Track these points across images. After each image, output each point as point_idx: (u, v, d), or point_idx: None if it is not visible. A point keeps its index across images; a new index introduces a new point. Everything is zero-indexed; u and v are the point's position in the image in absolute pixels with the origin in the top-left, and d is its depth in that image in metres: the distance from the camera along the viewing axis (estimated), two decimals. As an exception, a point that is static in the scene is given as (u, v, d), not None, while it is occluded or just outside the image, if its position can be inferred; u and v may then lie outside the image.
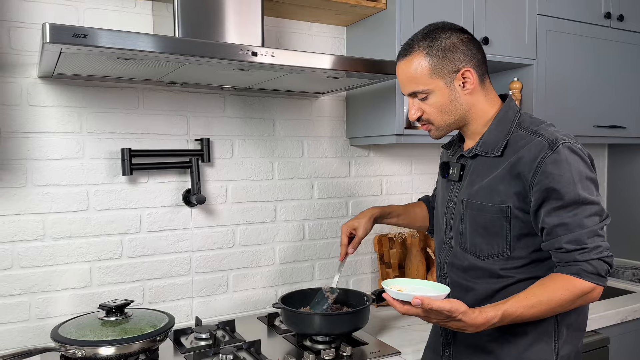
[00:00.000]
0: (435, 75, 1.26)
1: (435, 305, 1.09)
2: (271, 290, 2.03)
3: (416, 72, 1.27)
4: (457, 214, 1.34)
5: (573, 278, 1.15)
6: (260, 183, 1.99)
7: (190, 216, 1.88)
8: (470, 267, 1.31)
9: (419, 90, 1.28)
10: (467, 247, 1.31)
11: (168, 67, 1.48)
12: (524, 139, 1.24)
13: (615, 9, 2.40)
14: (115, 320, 1.48)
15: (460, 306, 1.10)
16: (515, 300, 1.15)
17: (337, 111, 2.14)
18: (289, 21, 2.02)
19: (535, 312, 1.15)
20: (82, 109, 1.70)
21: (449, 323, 1.13)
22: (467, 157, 1.34)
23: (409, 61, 1.28)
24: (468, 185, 1.32)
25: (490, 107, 1.31)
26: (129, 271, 1.79)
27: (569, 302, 1.16)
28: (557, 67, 2.25)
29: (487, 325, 1.13)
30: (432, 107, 1.29)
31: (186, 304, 1.88)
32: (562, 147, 1.18)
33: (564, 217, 1.16)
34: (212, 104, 1.90)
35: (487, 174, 1.28)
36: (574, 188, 1.16)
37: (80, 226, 1.70)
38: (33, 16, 1.61)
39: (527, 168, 1.19)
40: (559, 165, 1.16)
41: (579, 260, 1.15)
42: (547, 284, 1.17)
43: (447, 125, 1.31)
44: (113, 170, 1.74)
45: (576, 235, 1.15)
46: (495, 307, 1.14)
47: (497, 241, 1.26)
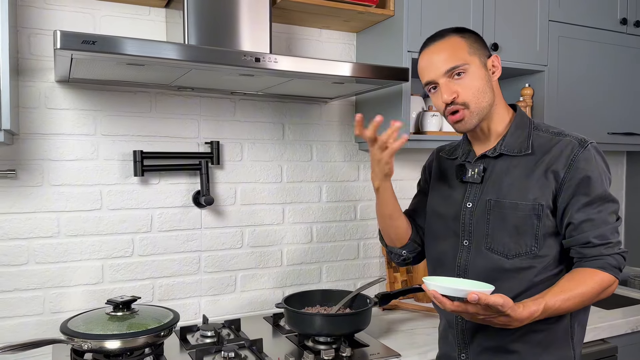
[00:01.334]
0: (473, 53, 1.29)
1: (492, 301, 1.07)
2: (278, 291, 2.07)
3: (454, 48, 1.28)
4: (482, 215, 1.32)
5: (599, 271, 1.19)
6: (269, 186, 2.03)
7: (199, 217, 1.93)
8: (495, 268, 1.29)
9: (458, 64, 1.27)
10: (494, 247, 1.30)
11: (176, 72, 1.53)
12: (551, 140, 1.29)
13: (631, 14, 2.38)
14: (122, 315, 1.53)
15: (509, 300, 1.10)
16: (552, 294, 1.17)
17: (346, 116, 2.17)
18: (300, 28, 2.06)
19: (570, 305, 1.18)
20: (96, 112, 1.77)
21: (496, 319, 1.12)
22: (490, 157, 1.34)
23: (445, 41, 1.30)
24: (494, 185, 1.32)
25: (506, 111, 1.36)
26: (140, 269, 1.85)
27: (596, 295, 1.20)
28: (570, 73, 2.24)
29: (530, 319, 1.14)
30: (468, 87, 1.27)
31: (194, 302, 1.93)
32: (591, 146, 1.26)
33: (590, 213, 1.21)
34: (222, 108, 1.95)
35: (517, 172, 1.29)
36: (601, 185, 1.23)
37: (93, 224, 1.77)
38: (52, 23, 1.68)
39: (560, 165, 1.24)
40: (589, 162, 1.23)
41: (604, 254, 1.20)
42: (577, 277, 1.20)
43: (481, 110, 1.29)
44: (126, 172, 1.81)
45: (602, 230, 1.21)
46: (536, 301, 1.15)
47: (525, 240, 1.27)
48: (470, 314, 1.12)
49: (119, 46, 1.29)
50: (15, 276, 1.67)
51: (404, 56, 1.88)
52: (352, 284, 2.20)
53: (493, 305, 1.08)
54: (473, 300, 1.07)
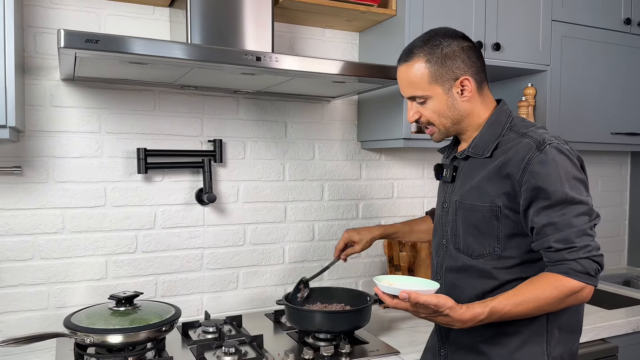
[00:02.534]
0: (434, 82, 1.29)
1: (422, 300, 1.12)
2: (280, 288, 2.08)
3: (415, 78, 1.30)
4: (451, 215, 1.37)
5: (562, 277, 1.16)
6: (271, 184, 2.05)
7: (202, 214, 1.95)
8: (463, 267, 1.34)
9: (417, 95, 1.31)
10: (461, 246, 1.34)
11: (179, 71, 1.55)
12: (513, 141, 1.27)
13: (635, 14, 2.37)
14: (125, 310, 1.55)
15: (447, 301, 1.13)
16: (503, 298, 1.17)
17: (349, 115, 2.18)
18: (303, 27, 2.08)
19: (523, 310, 1.17)
20: (101, 110, 1.79)
21: (437, 318, 1.16)
22: (460, 159, 1.37)
23: (409, 66, 1.31)
24: (460, 186, 1.35)
25: (485, 111, 1.34)
26: (143, 265, 1.87)
27: (558, 301, 1.17)
28: (573, 73, 2.24)
29: (475, 321, 1.15)
30: (430, 112, 1.32)
31: (197, 298, 1.95)
32: (549, 148, 1.20)
33: (552, 216, 1.18)
34: (225, 107, 1.97)
35: (477, 174, 1.31)
36: (561, 187, 1.18)
37: (97, 221, 1.79)
38: (57, 22, 1.71)
39: (515, 168, 1.22)
40: (546, 165, 1.18)
41: (567, 259, 1.17)
42: (535, 282, 1.19)
43: (447, 128, 1.34)
44: (130, 169, 1.83)
45: (564, 234, 1.17)
46: (482, 304, 1.16)
47: (488, 241, 1.28)
48: (411, 311, 1.17)
49: (122, 45, 1.31)
50: (20, 271, 1.70)
51: (405, 55, 1.89)
52: (353, 282, 2.21)
53: (426, 305, 1.12)
54: (402, 298, 1.13)
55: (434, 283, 1.25)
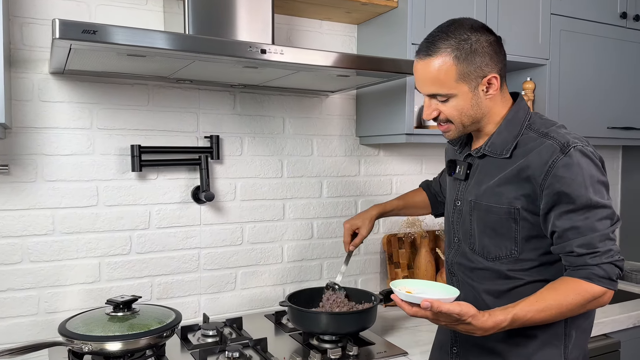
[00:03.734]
0: (461, 80, 1.20)
1: (445, 308, 1.08)
2: (279, 288, 2.03)
3: (441, 75, 1.20)
4: (466, 214, 1.33)
5: (584, 282, 1.14)
6: (269, 181, 1.99)
7: (199, 213, 1.88)
8: (478, 267, 1.31)
9: (441, 93, 1.22)
10: (476, 248, 1.30)
11: (177, 64, 1.48)
12: (534, 141, 1.22)
13: (631, 8, 2.37)
14: (123, 315, 1.48)
15: (469, 309, 1.09)
16: (525, 304, 1.14)
17: (347, 110, 2.13)
18: (300, 19, 2.01)
19: (545, 316, 1.14)
20: (92, 105, 1.70)
21: (458, 326, 1.13)
22: (475, 157, 1.33)
23: (432, 61, 1.20)
24: (475, 185, 1.31)
25: (503, 107, 1.29)
26: (138, 267, 1.79)
27: (580, 307, 1.15)
28: (571, 67, 2.23)
29: (497, 329, 1.12)
30: (452, 110, 1.24)
31: (194, 300, 1.89)
32: (574, 151, 1.16)
33: (576, 220, 1.15)
34: (222, 102, 1.90)
35: (495, 174, 1.26)
36: (585, 192, 1.14)
37: (89, 221, 1.71)
38: (45, 12, 1.62)
39: (537, 172, 1.17)
40: (570, 169, 1.14)
41: (590, 264, 1.14)
42: (557, 287, 1.16)
43: (465, 127, 1.27)
44: (123, 167, 1.75)
45: (588, 238, 1.14)
46: (504, 311, 1.12)
47: (505, 243, 1.25)
48: (431, 319, 1.12)
49: (121, 36, 1.23)
50: (8, 275, 1.61)
51: (407, 49, 1.85)
52: (353, 280, 2.17)
53: (449, 313, 1.08)
54: (424, 307, 1.08)
55: (453, 289, 1.20)
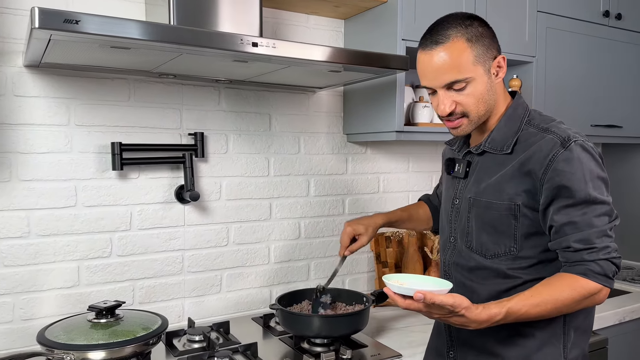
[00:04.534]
0: (477, 62, 1.17)
1: (438, 300, 1.05)
2: (265, 290, 1.97)
3: (460, 59, 1.16)
4: (463, 212, 1.30)
5: (580, 278, 1.12)
6: (255, 180, 1.93)
7: (182, 213, 1.81)
8: (476, 267, 1.28)
9: (461, 79, 1.17)
10: (473, 246, 1.28)
11: (163, 57, 1.41)
12: (534, 136, 1.20)
13: (613, 7, 2.38)
14: (106, 322, 1.41)
15: (463, 301, 1.07)
16: (520, 298, 1.12)
17: (334, 106, 2.08)
18: (287, 13, 1.96)
19: (540, 311, 1.12)
20: (70, 100, 1.62)
21: (451, 319, 1.10)
22: (474, 154, 1.30)
23: (448, 48, 1.16)
24: (475, 183, 1.28)
25: (504, 101, 1.28)
26: (119, 270, 1.71)
27: (575, 303, 1.13)
28: (557, 65, 2.23)
29: (491, 322, 1.09)
30: (470, 97, 1.19)
31: (178, 304, 1.81)
32: (575, 145, 1.15)
33: (573, 215, 1.13)
34: (206, 97, 1.83)
35: (496, 171, 1.24)
36: (585, 187, 1.13)
37: (67, 223, 1.62)
38: (19, 1, 1.52)
39: (538, 165, 1.16)
40: (570, 163, 1.13)
41: (586, 260, 1.12)
42: (553, 283, 1.14)
43: (479, 118, 1.23)
44: (102, 165, 1.67)
45: (585, 234, 1.13)
46: (499, 304, 1.10)
47: (504, 240, 1.22)
48: (424, 312, 1.10)
49: (106, 27, 1.16)
50: (-20, 281, 1.51)
51: (398, 45, 1.81)
52: (340, 281, 2.13)
53: (442, 305, 1.05)
54: (418, 299, 1.05)
55: (446, 282, 1.17)
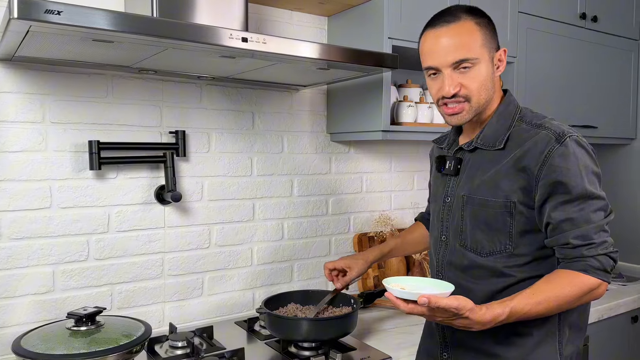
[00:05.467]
0: (484, 47, 1.19)
1: (443, 304, 1.03)
2: (248, 293, 1.92)
3: (469, 38, 1.17)
4: (456, 210, 1.28)
5: (580, 274, 1.12)
6: (238, 179, 1.88)
7: (163, 215, 1.74)
8: (470, 265, 1.26)
9: (469, 57, 1.16)
10: (468, 244, 1.26)
11: (147, 51, 1.35)
12: (527, 133, 1.20)
13: (590, 9, 2.42)
14: (86, 330, 1.34)
15: (467, 303, 1.05)
16: (522, 297, 1.11)
17: (318, 105, 2.05)
18: (270, 9, 1.91)
19: (542, 309, 1.11)
20: (44, 96, 1.54)
21: (455, 321, 1.08)
22: (466, 151, 1.28)
23: (458, 27, 1.17)
24: (467, 180, 1.27)
25: (497, 97, 1.27)
26: (96, 274, 1.64)
27: (576, 299, 1.13)
28: (536, 65, 2.25)
29: (494, 322, 1.08)
30: (474, 81, 1.18)
31: (158, 309, 1.75)
32: (570, 140, 1.15)
33: (570, 212, 1.13)
34: (187, 94, 1.77)
35: (489, 167, 1.23)
36: (581, 182, 1.13)
37: (42, 225, 1.54)
38: (-10, -10, 1.44)
39: (533, 161, 1.15)
40: (566, 159, 1.13)
41: (585, 255, 1.12)
42: (553, 280, 1.14)
43: (479, 106, 1.21)
44: (79, 165, 1.59)
45: (583, 230, 1.13)
46: (502, 304, 1.09)
47: (499, 238, 1.21)
48: (427, 316, 1.08)
49: (91, 18, 1.09)
50: (-52, 288, 1.42)
51: (384, 43, 1.79)
52: (323, 282, 2.09)
53: (447, 308, 1.03)
54: (422, 303, 1.03)
55: (447, 284, 1.16)
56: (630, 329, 2.21)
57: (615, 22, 2.56)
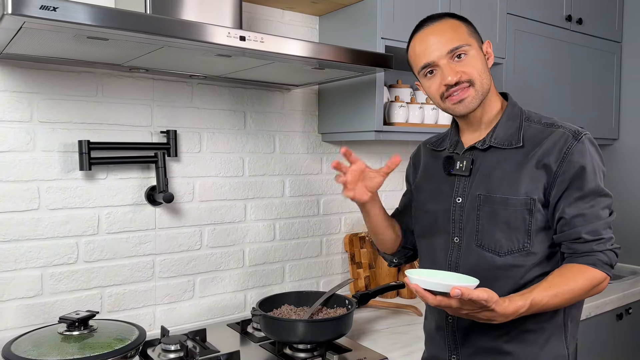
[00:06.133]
0: (472, 36, 1.24)
1: (475, 296, 1.02)
2: (240, 294, 1.90)
3: (457, 30, 1.23)
4: (471, 210, 1.27)
5: (590, 268, 1.15)
6: (230, 180, 1.85)
7: (153, 216, 1.71)
8: (487, 265, 1.24)
9: (461, 44, 1.21)
10: (486, 244, 1.24)
11: (141, 49, 1.32)
12: (542, 132, 1.23)
13: (575, 12, 2.46)
14: (79, 334, 1.31)
15: (494, 295, 1.05)
16: (540, 289, 1.12)
17: (309, 105, 2.03)
18: (261, 7, 1.89)
19: (558, 302, 1.13)
20: (33, 94, 1.49)
21: (480, 314, 1.08)
22: (479, 150, 1.28)
23: (443, 23, 1.24)
24: (482, 179, 1.26)
25: (498, 99, 1.30)
26: (86, 277, 1.60)
27: (585, 292, 1.16)
28: (524, 67, 2.27)
29: (516, 314, 1.09)
30: (472, 67, 1.21)
31: (149, 312, 1.72)
32: (585, 138, 1.19)
33: (582, 208, 1.17)
34: (178, 93, 1.74)
35: (508, 166, 1.23)
36: (594, 179, 1.17)
37: (30, 227, 1.50)
38: (-24, -15, 1.39)
39: (553, 158, 1.18)
40: (583, 156, 1.17)
41: (595, 250, 1.16)
42: (565, 273, 1.16)
43: (484, 92, 1.23)
44: (68, 165, 1.55)
45: (594, 226, 1.16)
46: (522, 296, 1.10)
47: (517, 236, 1.21)
48: (453, 309, 1.08)
49: (88, 15, 1.06)
50: None
51: (377, 43, 1.79)
52: (315, 283, 2.08)
53: (477, 300, 1.04)
54: (456, 295, 1.02)
55: (470, 278, 1.14)
56: (615, 326, 2.25)
57: (599, 24, 2.60)
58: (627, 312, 2.29)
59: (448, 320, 1.31)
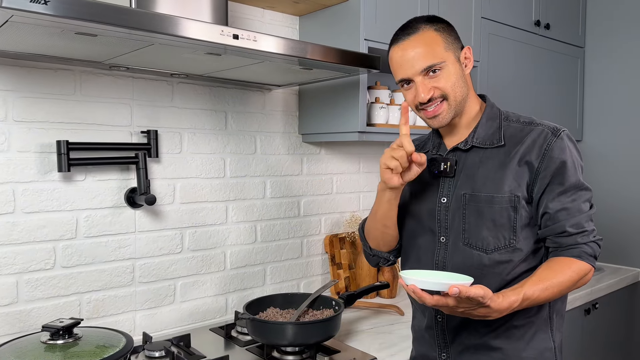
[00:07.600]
0: (448, 49, 1.23)
1: (472, 293, 1.04)
2: (221, 298, 1.86)
3: (432, 46, 1.22)
4: (456, 210, 1.29)
5: (576, 260, 1.18)
6: (211, 181, 1.82)
7: (133, 219, 1.66)
8: (473, 264, 1.26)
9: (435, 62, 1.21)
10: (472, 242, 1.26)
11: (128, 46, 1.27)
12: (522, 130, 1.26)
13: (543, 17, 2.54)
14: (63, 343, 1.25)
15: (489, 291, 1.07)
16: (530, 284, 1.15)
17: (290, 105, 2.02)
18: (242, 6, 1.87)
19: (548, 295, 1.16)
20: (7, 92, 1.42)
21: (476, 311, 1.09)
22: (462, 150, 1.30)
23: (419, 36, 1.23)
24: (466, 179, 1.28)
25: (477, 101, 1.33)
26: (63, 283, 1.53)
27: (573, 284, 1.19)
28: (497, 71, 2.32)
29: (510, 309, 1.11)
30: (446, 82, 1.23)
31: (129, 318, 1.66)
32: (564, 135, 1.23)
33: (565, 202, 1.20)
34: (158, 92, 1.69)
35: (491, 165, 1.26)
36: (575, 173, 1.21)
37: (4, 232, 1.43)
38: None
39: (534, 155, 1.21)
40: (563, 151, 1.21)
41: (580, 243, 1.19)
42: (553, 267, 1.19)
43: (457, 104, 1.25)
44: (45, 166, 1.49)
45: (577, 219, 1.19)
46: (515, 291, 1.12)
47: (503, 233, 1.24)
48: (450, 307, 1.10)
49: (81, 10, 1.02)
50: None
51: (360, 44, 1.79)
52: (295, 285, 2.07)
53: (474, 297, 1.06)
54: (454, 293, 1.04)
55: (463, 276, 1.16)
56: (583, 321, 2.33)
57: (564, 30, 2.70)
58: (594, 307, 2.38)
59: (437, 319, 1.33)
